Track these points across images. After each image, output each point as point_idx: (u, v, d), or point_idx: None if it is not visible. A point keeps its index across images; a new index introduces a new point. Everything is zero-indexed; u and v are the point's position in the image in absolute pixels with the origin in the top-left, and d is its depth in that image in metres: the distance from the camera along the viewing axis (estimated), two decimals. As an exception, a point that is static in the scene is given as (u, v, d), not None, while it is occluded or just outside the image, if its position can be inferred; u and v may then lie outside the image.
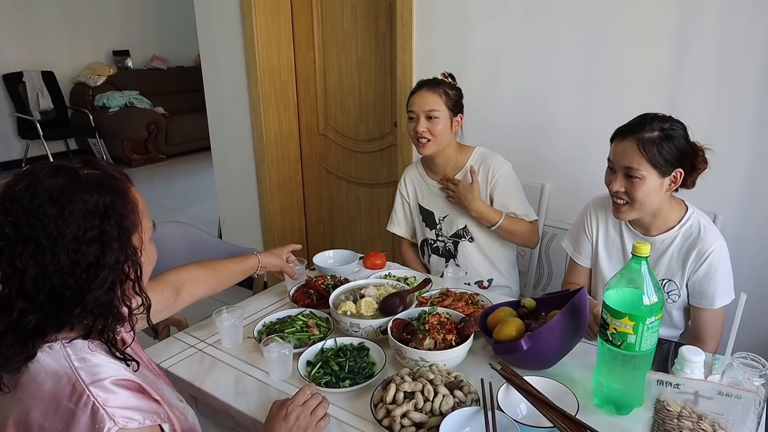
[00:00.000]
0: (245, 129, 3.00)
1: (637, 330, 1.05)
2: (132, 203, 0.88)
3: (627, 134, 1.37)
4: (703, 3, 1.74)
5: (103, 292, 0.82)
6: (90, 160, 0.88)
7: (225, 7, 2.83)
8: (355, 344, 1.31)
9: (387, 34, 2.59)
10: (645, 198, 1.37)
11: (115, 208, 0.84)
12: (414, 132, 1.80)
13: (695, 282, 1.45)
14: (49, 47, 6.23)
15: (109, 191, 0.84)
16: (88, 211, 0.81)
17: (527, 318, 1.34)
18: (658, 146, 1.33)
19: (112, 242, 0.83)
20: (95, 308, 0.82)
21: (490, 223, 1.79)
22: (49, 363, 0.81)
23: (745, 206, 1.81)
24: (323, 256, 1.82)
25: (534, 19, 2.04)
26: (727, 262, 1.43)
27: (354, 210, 3.09)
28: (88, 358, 0.82)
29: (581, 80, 2.00)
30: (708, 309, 1.44)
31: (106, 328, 0.85)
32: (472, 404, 1.08)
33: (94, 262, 0.81)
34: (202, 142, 6.29)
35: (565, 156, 2.10)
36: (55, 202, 0.79)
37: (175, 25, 7.15)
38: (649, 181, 1.35)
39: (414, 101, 1.80)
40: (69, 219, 0.79)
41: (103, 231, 0.82)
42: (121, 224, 0.84)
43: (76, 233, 0.80)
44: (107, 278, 0.82)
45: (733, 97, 1.76)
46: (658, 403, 1.01)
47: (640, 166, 1.35)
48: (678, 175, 1.37)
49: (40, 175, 0.81)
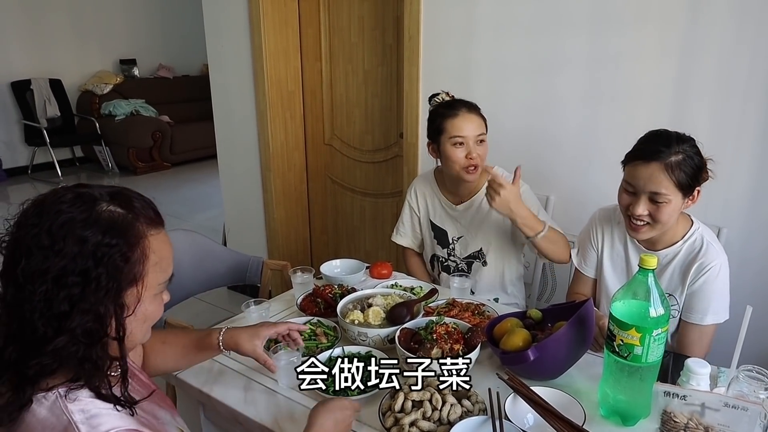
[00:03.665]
0: (252, 138, 3.02)
1: (643, 341, 1.06)
2: (141, 254, 0.78)
3: (651, 158, 1.33)
4: (707, 17, 1.76)
5: (68, 341, 0.73)
6: (121, 194, 0.81)
7: (234, 18, 2.87)
8: (363, 353, 1.32)
9: (394, 46, 2.62)
10: (669, 219, 1.37)
11: (112, 256, 0.75)
12: (467, 158, 1.69)
13: (689, 295, 1.43)
14: (57, 55, 6.30)
15: (116, 235, 0.76)
16: (80, 252, 0.73)
17: (533, 329, 1.35)
18: (684, 169, 1.32)
19: (97, 291, 0.74)
20: (63, 357, 0.74)
21: (534, 231, 1.60)
22: (46, 416, 0.74)
23: (749, 219, 1.82)
24: (330, 265, 1.83)
25: (540, 33, 2.06)
26: (726, 280, 1.41)
27: (358, 220, 3.11)
28: (86, 409, 0.76)
29: (587, 93, 2.02)
30: (696, 324, 1.42)
31: (87, 379, 0.77)
32: (480, 414, 1.09)
33: (68, 309, 0.73)
34: (206, 150, 6.33)
35: (570, 168, 2.12)
36: (51, 235, 0.73)
37: (182, 35, 7.22)
38: (675, 203, 1.34)
39: (461, 126, 1.69)
40: (56, 257, 0.72)
41: (89, 277, 0.73)
42: (114, 274, 0.75)
43: (59, 273, 0.72)
44: (76, 328, 0.73)
45: (737, 111, 1.77)
46: (665, 414, 1.02)
47: (668, 190, 1.32)
48: (696, 194, 1.37)
49: (58, 200, 0.76)
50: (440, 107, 1.78)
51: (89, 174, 6.50)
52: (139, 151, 6.39)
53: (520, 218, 1.58)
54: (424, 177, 1.99)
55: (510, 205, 1.55)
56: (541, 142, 2.16)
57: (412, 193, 1.98)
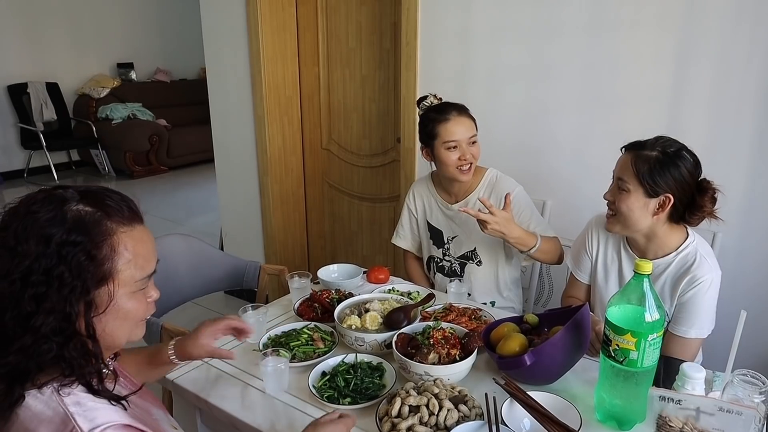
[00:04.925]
0: (249, 143, 3.03)
1: (639, 346, 1.06)
2: (109, 250, 0.78)
3: (630, 148, 1.42)
4: (702, 23, 1.78)
5: (36, 340, 0.74)
6: (93, 193, 0.82)
7: (232, 22, 2.87)
8: (375, 363, 1.31)
9: (391, 52, 2.64)
10: (628, 212, 1.39)
11: (76, 254, 0.75)
12: (460, 160, 1.73)
13: (677, 307, 1.43)
14: (54, 59, 6.30)
15: (82, 233, 0.76)
16: (44, 252, 0.74)
17: (530, 333, 1.36)
18: (651, 166, 1.35)
19: (60, 289, 0.74)
20: (33, 356, 0.74)
21: (528, 247, 1.66)
22: (42, 410, 0.75)
23: (744, 225, 1.84)
24: (327, 270, 1.83)
25: (536, 39, 2.08)
26: (714, 296, 1.40)
27: (356, 224, 3.11)
28: (82, 402, 0.77)
29: (582, 98, 2.04)
30: (680, 337, 1.41)
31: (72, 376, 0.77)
32: (477, 418, 1.09)
33: (34, 308, 0.74)
34: (203, 154, 6.34)
35: (566, 172, 2.13)
36: (17, 236, 0.74)
37: (179, 39, 7.23)
38: (634, 197, 1.38)
39: (454, 131, 1.72)
40: (20, 257, 0.73)
41: (51, 276, 0.74)
42: (79, 273, 0.75)
43: (24, 272, 0.73)
44: (41, 327, 0.74)
45: (732, 116, 1.79)
46: (660, 419, 1.02)
47: (629, 179, 1.38)
48: (666, 201, 1.36)
49: (29, 202, 0.77)
50: (431, 112, 1.79)
51: (86, 178, 6.50)
52: (136, 155, 6.38)
53: (513, 239, 1.64)
54: (422, 179, 2.02)
55: (502, 230, 1.60)
56: (537, 146, 2.17)
57: (410, 196, 2.01)
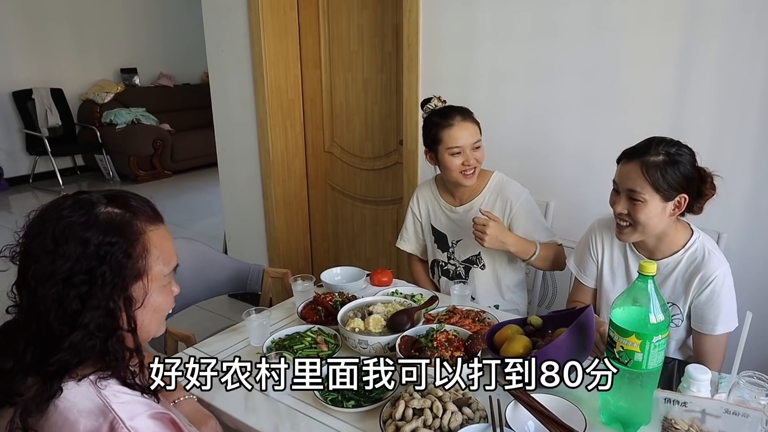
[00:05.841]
0: (252, 146, 3.03)
1: (643, 348, 1.06)
2: (142, 249, 0.84)
3: (632, 157, 1.37)
4: (705, 25, 1.77)
5: (83, 336, 0.78)
6: (118, 196, 0.86)
7: (234, 26, 2.88)
8: None
9: (393, 54, 2.64)
10: (647, 221, 1.37)
11: (114, 253, 0.80)
12: (464, 165, 1.74)
13: (697, 306, 1.43)
14: (58, 65, 6.33)
15: (116, 233, 0.81)
16: (84, 253, 0.78)
17: (534, 336, 1.36)
18: (662, 170, 1.33)
19: (103, 287, 0.79)
20: (81, 351, 0.79)
21: (528, 255, 1.72)
22: (81, 401, 0.78)
23: (749, 225, 1.83)
24: (331, 273, 1.83)
25: (539, 41, 2.08)
26: (731, 288, 1.41)
27: (359, 227, 3.11)
28: (118, 394, 0.80)
29: (585, 101, 2.03)
30: (708, 335, 1.42)
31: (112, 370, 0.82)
32: (480, 421, 1.09)
33: (79, 307, 0.78)
34: (206, 158, 6.34)
35: (569, 174, 2.12)
36: (55, 240, 0.78)
37: (182, 44, 7.26)
38: (651, 205, 1.35)
39: (458, 137, 1.72)
40: (61, 259, 0.77)
41: (94, 275, 0.79)
42: (118, 270, 0.81)
43: (67, 274, 0.77)
44: (89, 323, 0.78)
45: (736, 117, 1.78)
46: (666, 421, 1.02)
47: (643, 189, 1.34)
48: (682, 201, 1.36)
49: (58, 208, 0.81)
50: (434, 116, 1.78)
51: (90, 182, 6.52)
52: (140, 160, 6.41)
53: (513, 247, 1.70)
54: (426, 183, 2.01)
55: (500, 238, 1.66)
56: (540, 148, 2.17)
57: (414, 199, 2.01)
